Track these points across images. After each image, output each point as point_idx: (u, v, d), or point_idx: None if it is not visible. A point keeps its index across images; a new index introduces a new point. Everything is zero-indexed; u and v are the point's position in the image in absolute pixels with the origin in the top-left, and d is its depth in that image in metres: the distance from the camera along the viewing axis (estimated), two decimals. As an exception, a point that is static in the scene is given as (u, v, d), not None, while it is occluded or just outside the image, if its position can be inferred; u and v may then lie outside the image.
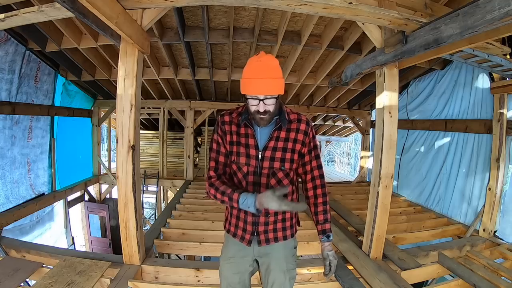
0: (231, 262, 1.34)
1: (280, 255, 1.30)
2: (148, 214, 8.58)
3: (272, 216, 1.26)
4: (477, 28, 1.35)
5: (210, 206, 3.85)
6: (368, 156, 5.96)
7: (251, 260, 1.34)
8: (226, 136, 1.26)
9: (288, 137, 1.22)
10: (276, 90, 1.10)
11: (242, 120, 1.23)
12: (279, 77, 1.11)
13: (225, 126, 1.27)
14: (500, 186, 2.96)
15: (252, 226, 1.26)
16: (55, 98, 4.10)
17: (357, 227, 3.13)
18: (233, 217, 1.32)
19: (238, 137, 1.25)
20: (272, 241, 1.28)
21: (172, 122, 7.31)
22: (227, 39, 3.13)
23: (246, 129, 1.24)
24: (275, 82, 1.09)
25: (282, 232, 1.29)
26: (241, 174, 1.25)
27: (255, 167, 1.22)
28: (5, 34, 2.97)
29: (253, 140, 1.22)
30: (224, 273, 1.36)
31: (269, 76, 1.08)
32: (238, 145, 1.24)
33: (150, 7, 1.90)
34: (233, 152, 1.25)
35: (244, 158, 1.23)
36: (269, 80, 1.08)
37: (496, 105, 2.98)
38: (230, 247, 1.35)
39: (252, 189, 1.24)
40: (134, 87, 1.96)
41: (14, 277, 2.00)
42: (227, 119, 1.27)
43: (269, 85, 1.08)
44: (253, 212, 1.13)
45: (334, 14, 1.87)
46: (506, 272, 2.27)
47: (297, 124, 1.22)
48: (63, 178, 4.47)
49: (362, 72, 2.48)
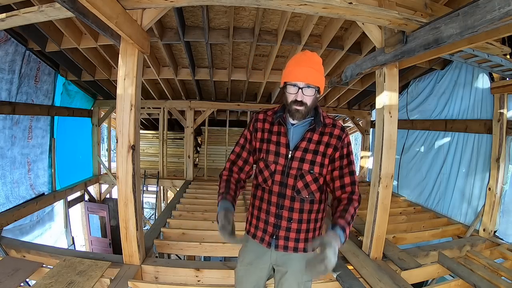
0: (248, 269, 1.32)
1: (298, 267, 1.25)
2: (148, 214, 8.59)
3: (295, 223, 1.21)
4: (477, 28, 1.35)
5: (210, 206, 3.85)
6: (368, 156, 5.96)
7: (268, 268, 1.31)
8: (257, 134, 1.28)
9: (321, 140, 1.19)
10: (317, 81, 1.12)
11: (276, 118, 1.24)
12: (321, 71, 1.15)
13: (257, 123, 1.28)
14: (500, 186, 2.96)
15: (273, 228, 1.23)
16: (55, 98, 4.10)
17: (357, 227, 3.13)
18: (253, 217, 1.30)
19: (270, 134, 1.25)
20: (290, 250, 1.23)
21: (172, 122, 7.31)
22: (227, 39, 3.13)
23: (279, 127, 1.24)
24: (316, 73, 1.12)
25: (304, 244, 1.23)
26: (268, 173, 1.23)
27: (284, 166, 1.20)
28: (5, 34, 2.97)
29: (285, 138, 1.21)
30: (240, 278, 1.36)
31: (311, 66, 1.12)
32: (269, 142, 1.24)
33: (150, 7, 1.90)
34: (262, 149, 1.26)
35: (273, 156, 1.22)
36: (311, 69, 1.11)
37: (496, 105, 2.98)
38: (249, 253, 1.33)
39: (277, 189, 1.21)
40: (134, 87, 1.96)
41: (14, 277, 2.00)
42: (261, 117, 1.29)
43: (310, 74, 1.11)
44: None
45: (334, 14, 1.87)
46: (506, 272, 2.27)
47: (331, 128, 1.20)
48: (63, 178, 4.47)
49: (362, 72, 2.49)
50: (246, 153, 1.32)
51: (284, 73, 1.16)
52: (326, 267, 0.92)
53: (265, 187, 1.25)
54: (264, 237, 1.25)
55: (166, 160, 5.79)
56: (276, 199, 1.21)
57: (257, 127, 1.28)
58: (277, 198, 1.21)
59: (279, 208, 1.22)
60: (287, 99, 1.16)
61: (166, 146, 5.76)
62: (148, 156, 7.08)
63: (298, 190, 1.20)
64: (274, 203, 1.22)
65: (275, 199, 1.22)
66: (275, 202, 1.22)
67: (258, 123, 1.28)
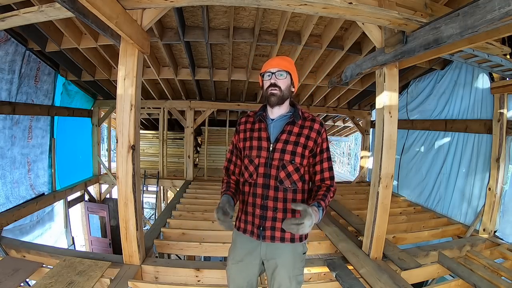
0: (239, 266, 1.34)
1: (288, 260, 1.29)
2: (148, 214, 8.59)
3: (280, 213, 1.27)
4: (477, 28, 1.35)
5: (210, 206, 3.85)
6: (368, 156, 5.96)
7: (259, 264, 1.34)
8: (240, 135, 1.39)
9: (301, 132, 1.28)
10: (286, 67, 1.27)
11: (257, 116, 1.36)
12: (291, 62, 1.31)
13: (240, 126, 1.41)
14: (500, 186, 2.96)
15: (260, 220, 1.28)
16: (55, 98, 4.10)
17: (357, 227, 3.13)
18: (242, 213, 1.36)
19: (251, 132, 1.35)
20: (277, 240, 1.27)
21: (172, 122, 7.31)
22: (227, 39, 3.13)
23: (260, 123, 1.35)
24: (285, 62, 1.28)
25: (290, 234, 1.27)
26: (253, 167, 1.31)
27: (266, 158, 1.28)
28: (5, 34, 2.98)
29: (265, 133, 1.31)
30: (232, 276, 1.37)
31: (281, 58, 1.31)
32: (251, 139, 1.34)
33: (150, 7, 1.90)
34: (245, 147, 1.35)
35: (255, 150, 1.30)
36: (280, 59, 1.29)
37: (496, 105, 2.98)
38: (239, 250, 1.35)
39: (262, 180, 1.28)
40: (134, 87, 1.96)
41: (14, 277, 2.00)
42: (243, 120, 1.42)
43: (280, 62, 1.28)
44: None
45: (334, 14, 1.87)
46: (506, 272, 2.27)
47: (311, 122, 1.30)
48: (63, 178, 4.47)
49: (362, 72, 2.48)
50: (235, 157, 1.44)
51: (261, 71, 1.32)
52: (297, 230, 1.03)
53: (251, 181, 1.31)
54: (253, 229, 1.30)
55: (166, 160, 5.79)
56: (261, 190, 1.28)
57: (239, 129, 1.40)
58: (262, 190, 1.28)
59: (264, 199, 1.27)
60: (263, 88, 1.30)
61: (166, 146, 5.76)
62: (148, 156, 7.09)
63: (281, 180, 1.26)
64: (259, 194, 1.28)
65: (260, 190, 1.29)
66: (260, 193, 1.28)
67: (241, 125, 1.41)
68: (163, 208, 6.25)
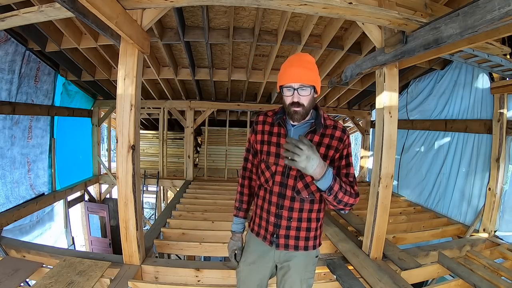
0: (251, 268, 1.33)
1: (301, 265, 1.27)
2: (148, 214, 8.60)
3: (295, 222, 1.23)
4: (477, 28, 1.35)
5: (210, 206, 3.85)
6: (368, 156, 5.96)
7: (272, 267, 1.33)
8: (258, 136, 1.30)
9: (322, 142, 1.19)
10: (311, 80, 1.11)
11: (276, 119, 1.25)
12: (314, 70, 1.14)
13: (257, 126, 1.30)
14: (500, 186, 2.96)
15: (274, 227, 1.25)
16: (55, 98, 4.10)
17: (357, 227, 3.13)
18: (257, 216, 1.34)
19: (269, 136, 1.26)
20: (291, 248, 1.25)
21: (172, 122, 7.31)
22: (227, 39, 3.12)
23: (279, 128, 1.24)
24: (309, 72, 1.11)
25: (304, 242, 1.25)
26: (269, 173, 1.25)
27: (284, 167, 1.21)
28: (5, 34, 2.97)
29: (284, 140, 1.20)
30: (243, 278, 1.36)
31: (303, 65, 1.11)
32: (269, 144, 1.25)
33: (150, 7, 1.90)
34: (262, 151, 1.27)
35: (273, 157, 1.23)
36: (303, 69, 1.10)
37: (496, 105, 2.98)
38: (252, 252, 1.34)
39: (278, 189, 1.22)
40: (134, 87, 1.96)
41: (14, 277, 2.00)
42: (261, 119, 1.31)
43: (303, 74, 1.10)
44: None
45: (334, 14, 1.87)
46: (506, 272, 2.27)
47: (332, 130, 1.20)
48: (63, 178, 4.47)
49: (362, 72, 2.48)
50: (251, 156, 1.39)
51: (278, 78, 1.17)
52: (291, 156, 0.93)
53: (266, 187, 1.27)
54: (266, 235, 1.28)
55: (166, 160, 5.79)
56: (276, 199, 1.23)
57: (257, 129, 1.30)
58: (277, 198, 1.23)
59: (279, 208, 1.23)
60: (285, 102, 1.17)
61: (166, 146, 5.76)
62: (148, 156, 7.08)
63: (298, 191, 1.21)
64: (274, 203, 1.24)
65: (275, 199, 1.24)
66: (275, 202, 1.24)
67: (258, 125, 1.30)
68: (163, 208, 6.25)
